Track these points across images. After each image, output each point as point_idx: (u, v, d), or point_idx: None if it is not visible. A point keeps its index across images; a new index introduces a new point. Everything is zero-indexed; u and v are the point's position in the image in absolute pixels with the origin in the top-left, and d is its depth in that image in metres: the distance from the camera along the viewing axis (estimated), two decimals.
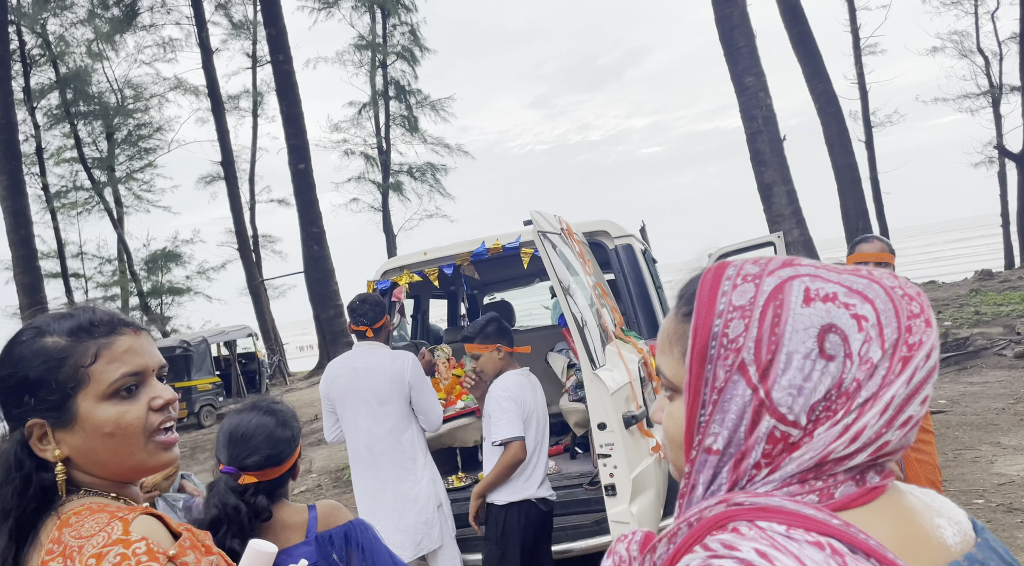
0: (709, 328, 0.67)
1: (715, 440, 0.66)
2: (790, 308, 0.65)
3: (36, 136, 24.35)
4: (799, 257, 0.72)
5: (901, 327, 0.65)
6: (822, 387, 0.64)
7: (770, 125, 7.48)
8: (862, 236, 3.06)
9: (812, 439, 0.64)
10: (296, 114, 10.83)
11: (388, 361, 3.59)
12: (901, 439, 0.65)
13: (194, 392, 15.98)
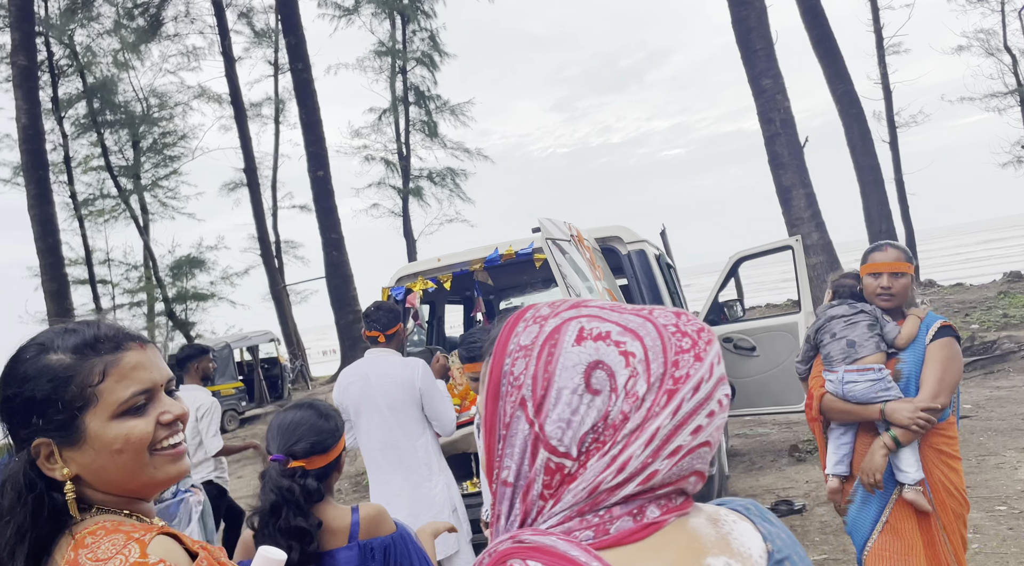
0: (501, 367, 0.73)
1: (508, 473, 0.70)
2: (562, 347, 0.70)
3: (64, 145, 24.80)
4: (593, 301, 0.76)
5: (668, 362, 0.69)
6: (588, 420, 0.68)
7: (788, 128, 7.41)
8: (875, 244, 2.78)
9: (585, 470, 0.67)
10: (315, 121, 10.94)
11: (399, 368, 3.63)
12: (671, 468, 0.68)
13: (217, 397, 16.16)
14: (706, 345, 0.72)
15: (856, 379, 2.60)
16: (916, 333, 2.61)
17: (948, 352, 2.57)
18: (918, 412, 2.47)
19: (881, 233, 11.27)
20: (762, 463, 7.09)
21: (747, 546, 0.73)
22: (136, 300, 27.45)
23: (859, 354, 2.62)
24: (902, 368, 2.62)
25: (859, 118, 11.32)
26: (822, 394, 2.72)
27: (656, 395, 0.68)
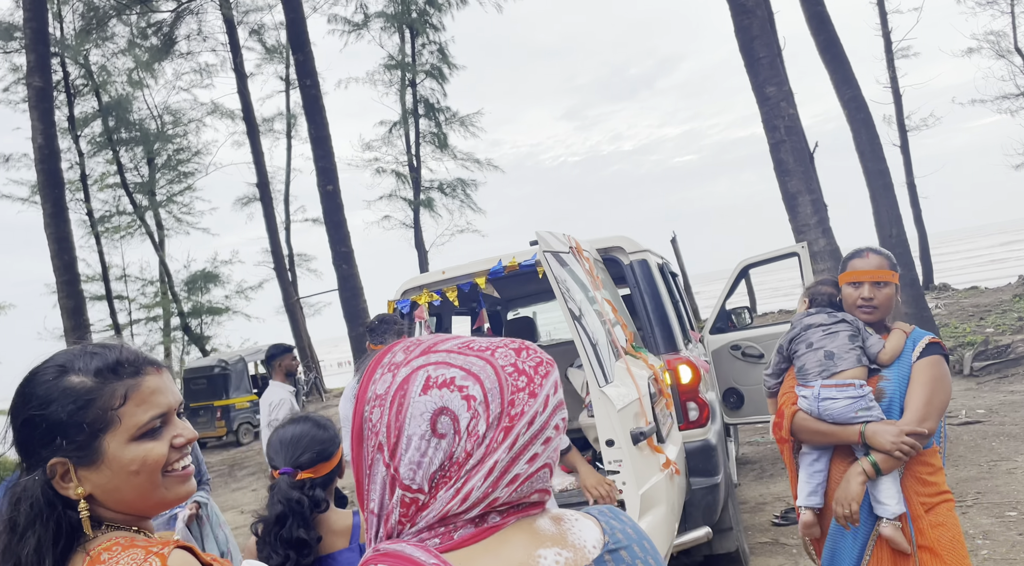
0: (363, 413, 0.81)
1: (373, 504, 0.80)
2: (410, 397, 0.78)
3: (80, 164, 25.16)
4: (444, 338, 0.84)
5: (504, 402, 0.77)
6: (437, 460, 0.76)
7: (793, 134, 7.43)
8: (855, 249, 2.45)
9: (436, 501, 0.76)
10: (324, 136, 11.06)
11: None
12: (511, 494, 0.78)
13: (232, 410, 16.30)
14: (542, 379, 0.80)
15: (834, 395, 2.29)
16: (902, 349, 2.34)
17: (936, 372, 2.29)
18: (902, 436, 2.17)
19: (891, 238, 11.22)
20: (772, 471, 7.07)
21: (583, 539, 0.81)
22: (152, 315, 27.75)
23: (838, 367, 2.32)
24: (885, 387, 2.32)
25: (867, 123, 11.29)
26: (794, 412, 2.40)
27: (495, 432, 0.76)
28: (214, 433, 16.22)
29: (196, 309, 26.10)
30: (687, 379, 4.20)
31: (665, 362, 4.24)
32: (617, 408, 2.84)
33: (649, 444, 3.04)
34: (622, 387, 3.06)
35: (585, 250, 3.87)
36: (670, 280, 5.23)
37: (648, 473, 2.98)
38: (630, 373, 3.16)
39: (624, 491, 2.82)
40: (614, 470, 2.84)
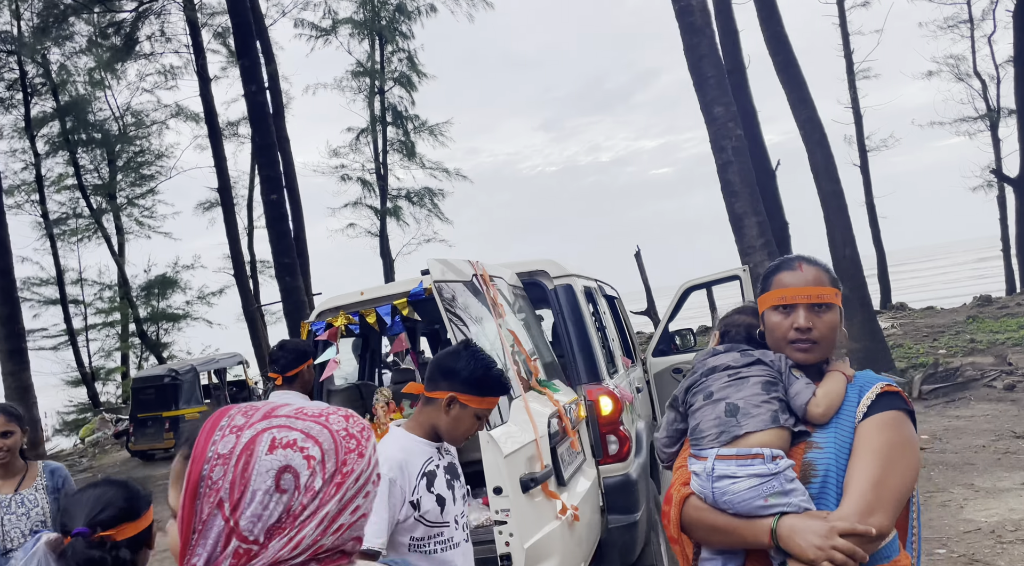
0: (199, 472, 0.84)
1: (199, 559, 0.83)
2: (257, 455, 0.83)
3: (36, 164, 24.55)
4: (279, 405, 0.89)
5: (339, 461, 0.85)
6: (276, 513, 0.83)
7: (740, 155, 7.35)
8: (783, 259, 1.77)
9: (267, 550, 0.82)
10: (269, 144, 10.80)
11: None
12: (335, 541, 0.85)
13: (182, 421, 15.85)
14: (366, 441, 0.90)
15: (734, 472, 1.58)
16: (841, 399, 1.63)
17: (895, 437, 1.56)
18: (834, 538, 1.44)
19: (844, 259, 11.23)
20: None
21: None
22: (109, 320, 27.10)
23: (742, 428, 1.61)
24: (816, 459, 1.59)
25: (822, 144, 11.32)
26: (684, 497, 1.68)
27: (328, 487, 0.84)
28: (162, 445, 15.76)
29: (153, 315, 25.51)
30: (607, 411, 4.04)
31: (585, 393, 4.07)
32: (504, 453, 2.66)
33: (543, 490, 2.87)
34: (516, 428, 2.88)
35: (497, 276, 3.70)
36: (601, 304, 5.08)
37: (539, 522, 2.80)
38: (528, 412, 2.98)
39: (511, 544, 2.64)
40: (501, 520, 2.66)
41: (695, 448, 1.70)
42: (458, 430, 2.15)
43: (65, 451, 21.97)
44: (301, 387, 3.62)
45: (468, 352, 2.15)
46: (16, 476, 3.31)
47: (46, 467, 3.41)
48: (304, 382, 3.60)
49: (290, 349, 3.57)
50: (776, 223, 11.49)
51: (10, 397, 10.97)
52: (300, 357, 3.52)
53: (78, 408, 26.14)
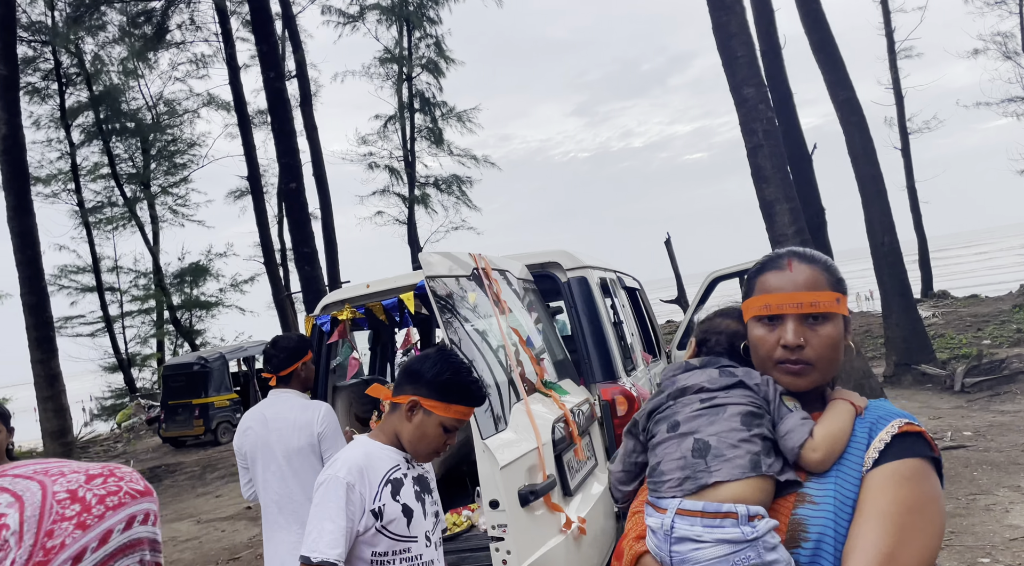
0: None
1: None
2: None
3: (71, 153, 24.88)
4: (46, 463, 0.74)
5: (41, 533, 0.69)
6: None
7: (771, 138, 7.00)
8: (769, 255, 1.37)
9: None
10: (288, 131, 10.68)
11: (297, 411, 3.30)
12: None
13: (211, 408, 15.99)
14: (108, 510, 0.73)
15: (698, 534, 1.22)
16: (846, 439, 1.25)
17: (915, 495, 1.18)
18: None
19: (883, 246, 10.78)
20: None
21: None
22: (145, 307, 27.48)
23: (712, 475, 1.24)
24: (808, 516, 1.21)
25: (861, 126, 10.85)
26: (637, 556, 1.32)
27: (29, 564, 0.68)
28: (192, 432, 15.92)
29: (186, 302, 25.82)
30: (623, 411, 3.82)
31: (600, 393, 3.85)
32: (501, 464, 2.45)
33: (546, 502, 2.66)
34: (516, 435, 2.67)
35: (502, 270, 3.48)
36: (619, 297, 4.83)
37: (541, 538, 2.59)
38: (530, 417, 2.77)
39: (508, 562, 2.43)
40: (497, 536, 2.45)
41: (652, 495, 1.31)
42: (422, 441, 1.93)
43: (102, 436, 22.39)
44: (299, 385, 3.45)
45: (438, 355, 1.95)
46: None
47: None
48: (301, 380, 3.43)
49: (282, 346, 3.40)
50: (811, 209, 11.05)
51: (39, 385, 11.08)
52: (293, 355, 3.34)
53: (115, 393, 26.63)
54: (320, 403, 3.34)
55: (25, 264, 10.86)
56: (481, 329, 2.88)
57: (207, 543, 8.15)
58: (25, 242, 10.87)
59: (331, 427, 3.24)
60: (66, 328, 26.60)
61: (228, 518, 9.28)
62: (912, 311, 10.97)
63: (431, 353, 1.96)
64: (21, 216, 10.87)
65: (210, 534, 8.58)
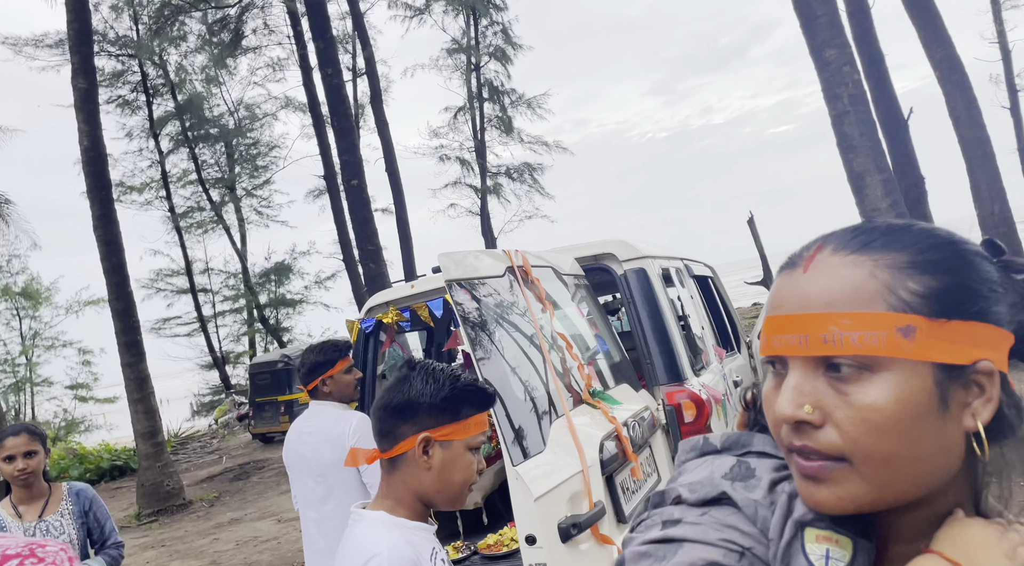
0: None
1: None
2: None
3: (160, 161, 25.92)
4: None
5: None
6: None
7: (858, 104, 6.35)
8: (796, 251, 0.73)
9: None
10: (347, 128, 10.60)
11: (331, 424, 3.08)
12: None
13: (296, 405, 16.29)
14: None
15: None
16: None
17: None
18: None
19: (993, 215, 9.81)
20: None
21: None
22: (236, 307, 28.49)
23: None
24: None
25: (963, 85, 9.89)
26: None
27: None
28: (278, 428, 16.28)
29: (272, 301, 26.58)
30: (690, 417, 3.42)
31: (664, 397, 3.46)
32: (536, 495, 2.12)
33: (593, 534, 2.31)
34: (555, 457, 2.33)
35: (545, 266, 3.13)
36: (687, 287, 4.40)
37: None
38: (573, 435, 2.42)
39: None
40: None
41: None
42: (454, 481, 1.46)
43: (199, 432, 23.35)
44: (336, 397, 3.22)
45: (416, 372, 1.52)
46: (40, 500, 3.11)
47: (71, 489, 3.19)
48: (335, 393, 3.19)
49: (304, 362, 3.19)
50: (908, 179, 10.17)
51: (129, 387, 11.46)
52: (313, 370, 3.12)
53: (212, 390, 27.76)
54: (354, 414, 3.10)
55: (111, 271, 11.21)
56: (514, 336, 2.55)
57: (285, 544, 8.18)
58: (111, 249, 11.21)
59: (364, 438, 2.99)
60: (164, 329, 27.92)
61: None
62: None
63: (404, 377, 1.55)
64: (106, 225, 11.21)
65: (289, 534, 8.62)
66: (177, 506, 11.53)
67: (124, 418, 20.85)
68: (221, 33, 24.07)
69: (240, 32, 23.85)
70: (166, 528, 10.47)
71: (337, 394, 3.20)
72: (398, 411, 1.48)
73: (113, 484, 16.07)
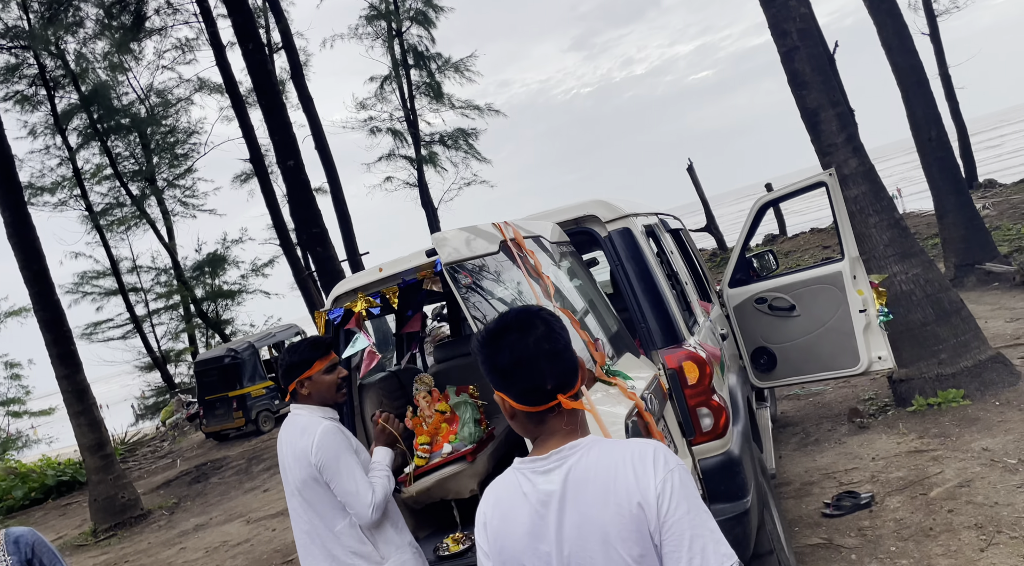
0: None
1: None
2: None
3: (71, 158, 24.42)
4: None
5: None
6: None
7: (808, 39, 6.22)
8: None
9: None
10: (277, 106, 10.02)
11: (297, 436, 2.77)
12: None
13: (248, 399, 15.77)
14: None
15: None
16: None
17: None
18: None
19: (931, 141, 9.93)
20: (818, 434, 6.13)
21: None
22: (171, 303, 27.33)
23: None
24: None
25: (892, 13, 9.89)
26: None
27: None
28: (232, 425, 15.75)
29: (209, 293, 25.59)
30: (694, 379, 3.25)
31: (664, 360, 3.28)
32: None
33: None
34: None
35: (534, 235, 2.88)
36: (666, 243, 4.22)
37: None
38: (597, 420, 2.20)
39: None
40: None
41: None
42: None
43: (148, 436, 22.49)
44: (317, 400, 2.90)
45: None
46: None
47: (7, 537, 2.75)
48: (315, 395, 2.88)
49: (282, 362, 2.88)
50: None
51: (68, 401, 10.80)
52: (288, 372, 2.82)
53: (156, 392, 26.73)
54: (318, 425, 2.75)
55: (33, 280, 10.47)
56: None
57: (258, 546, 7.86)
58: (29, 256, 10.46)
59: (328, 456, 2.66)
60: (96, 334, 26.63)
61: (277, 514, 8.99)
62: (968, 207, 10.17)
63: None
64: (20, 230, 10.44)
65: (260, 534, 8.29)
66: (135, 518, 11.01)
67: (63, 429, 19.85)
68: (121, 16, 22.58)
69: (142, 13, 22.41)
70: (126, 542, 9.98)
71: (317, 397, 2.90)
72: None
73: (62, 501, 15.32)
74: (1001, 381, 5.81)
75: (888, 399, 6.38)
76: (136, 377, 27.44)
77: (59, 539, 11.38)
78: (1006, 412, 5.38)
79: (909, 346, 6.13)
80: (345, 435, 2.78)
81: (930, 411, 5.78)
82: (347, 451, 2.67)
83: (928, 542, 3.90)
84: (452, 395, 4.00)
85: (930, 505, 4.29)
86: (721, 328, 4.62)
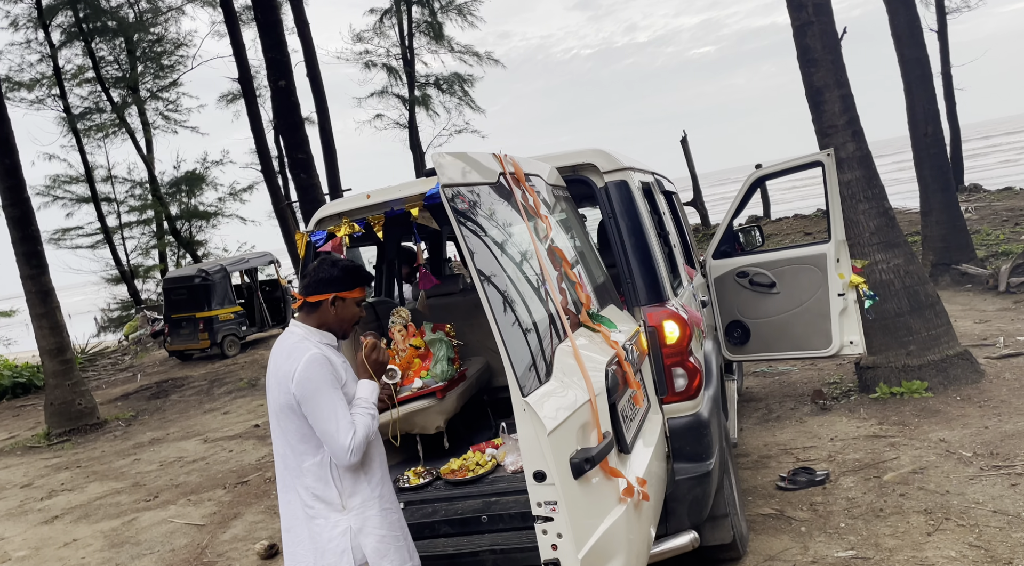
0: None
1: None
2: None
3: (52, 56, 23.56)
4: None
5: None
6: None
7: (822, 15, 6.13)
8: None
9: None
10: (273, 21, 9.68)
11: (283, 358, 2.53)
12: None
13: (215, 322, 15.62)
14: None
15: None
16: None
17: None
18: None
19: (926, 137, 9.94)
20: (780, 412, 6.23)
21: None
22: (144, 218, 26.79)
23: None
24: None
25: (906, 3, 9.80)
26: None
27: None
28: (197, 345, 15.62)
29: (184, 212, 25.12)
30: (673, 338, 3.24)
31: (646, 317, 3.26)
32: (548, 429, 1.88)
33: (603, 468, 2.10)
34: (562, 385, 2.09)
35: (533, 174, 2.82)
36: (660, 203, 4.17)
37: (598, 514, 2.05)
38: (579, 361, 2.18)
39: (560, 548, 1.90)
40: (545, 515, 1.91)
41: None
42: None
43: (109, 348, 22.28)
44: (329, 325, 2.63)
45: None
46: None
47: None
48: (332, 320, 2.61)
49: (321, 270, 2.58)
50: None
51: (32, 301, 10.60)
52: (327, 282, 2.55)
53: (121, 305, 26.38)
54: (303, 354, 2.47)
55: (5, 174, 10.16)
56: (511, 253, 2.25)
57: (214, 465, 7.85)
58: (2, 150, 10.12)
59: (308, 389, 2.42)
60: (65, 240, 26.10)
61: (235, 437, 8.98)
62: (953, 207, 10.26)
63: None
64: None
65: (217, 454, 8.28)
66: (91, 425, 10.94)
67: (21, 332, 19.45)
68: None
69: None
70: (80, 448, 9.93)
71: (334, 321, 2.62)
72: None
73: (16, 402, 15.18)
74: (965, 378, 5.93)
75: (852, 384, 6.48)
76: (102, 289, 27.01)
77: (11, 439, 11.29)
78: (966, 407, 5.50)
79: (880, 334, 6.21)
80: (332, 366, 2.51)
81: (892, 400, 5.89)
82: (330, 385, 2.42)
83: (877, 522, 3.98)
84: (428, 332, 3.96)
85: (883, 488, 4.38)
86: (703, 295, 4.62)
